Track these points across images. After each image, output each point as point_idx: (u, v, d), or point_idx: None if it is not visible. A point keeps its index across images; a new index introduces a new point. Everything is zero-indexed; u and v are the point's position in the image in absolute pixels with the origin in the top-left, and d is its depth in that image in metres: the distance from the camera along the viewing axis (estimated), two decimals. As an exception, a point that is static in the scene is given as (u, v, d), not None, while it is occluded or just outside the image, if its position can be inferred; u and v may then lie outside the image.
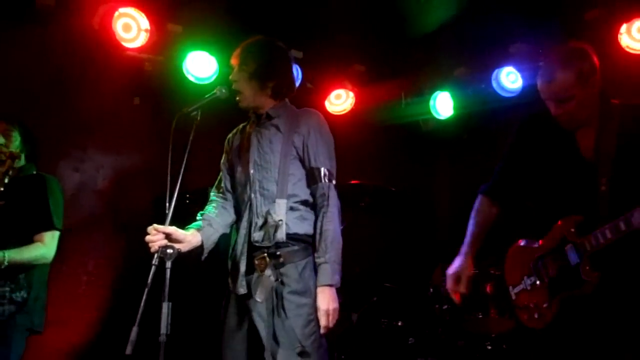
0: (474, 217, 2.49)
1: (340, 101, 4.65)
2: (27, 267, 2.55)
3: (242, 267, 2.27)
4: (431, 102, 4.59)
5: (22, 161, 2.72)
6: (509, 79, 4.28)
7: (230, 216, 2.44)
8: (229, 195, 2.47)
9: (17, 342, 2.52)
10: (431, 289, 3.64)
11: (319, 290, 2.21)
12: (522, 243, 2.42)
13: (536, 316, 2.26)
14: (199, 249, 2.32)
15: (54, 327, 3.41)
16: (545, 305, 2.23)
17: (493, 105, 4.47)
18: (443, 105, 4.60)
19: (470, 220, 2.49)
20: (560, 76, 2.19)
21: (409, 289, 3.99)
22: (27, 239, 2.58)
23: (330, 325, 2.20)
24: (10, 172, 2.47)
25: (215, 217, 2.40)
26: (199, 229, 2.33)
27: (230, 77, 2.42)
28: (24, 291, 2.52)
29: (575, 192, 2.24)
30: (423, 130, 4.99)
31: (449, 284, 2.39)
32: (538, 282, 2.28)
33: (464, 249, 2.44)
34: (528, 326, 2.30)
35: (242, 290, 2.26)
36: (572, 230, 2.18)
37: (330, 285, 2.22)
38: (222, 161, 2.52)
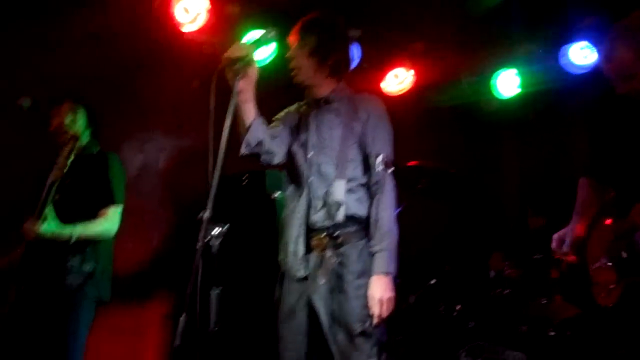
0: (580, 195, 2.45)
1: (398, 81, 4.55)
2: (95, 241, 2.66)
3: (301, 249, 2.27)
4: (493, 81, 4.42)
5: (86, 140, 2.82)
6: (582, 54, 4.04)
7: (277, 156, 2.34)
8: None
9: (87, 311, 2.65)
10: (493, 272, 3.56)
11: (374, 278, 2.19)
12: (608, 222, 2.37)
13: (603, 295, 2.27)
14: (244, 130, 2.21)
15: (119, 302, 3.56)
16: (612, 286, 2.22)
17: (562, 83, 4.25)
18: (506, 84, 4.41)
19: (577, 198, 2.45)
20: (619, 53, 2.10)
21: (469, 272, 3.90)
22: (92, 214, 2.69)
23: (384, 314, 2.17)
24: (73, 153, 2.56)
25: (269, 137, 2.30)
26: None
27: (287, 54, 2.39)
28: (92, 262, 2.64)
29: None
30: (485, 111, 4.81)
31: (553, 245, 2.39)
32: (610, 262, 2.26)
33: (573, 216, 2.41)
34: (598, 302, 2.31)
35: (302, 272, 2.26)
36: None
37: (386, 274, 2.19)
38: (277, 117, 2.44)
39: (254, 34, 2.23)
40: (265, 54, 3.91)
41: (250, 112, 2.22)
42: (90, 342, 2.63)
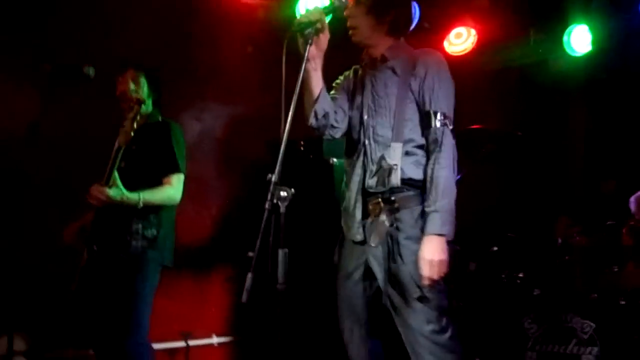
0: None
1: (460, 40, 4.36)
2: (157, 208, 2.72)
3: (358, 214, 2.24)
4: (565, 38, 4.15)
5: (149, 107, 2.87)
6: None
7: (340, 130, 2.32)
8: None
9: (152, 274, 2.71)
10: (559, 240, 3.42)
11: (426, 239, 2.09)
12: None
13: None
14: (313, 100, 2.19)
15: (181, 265, 3.66)
16: None
17: (637, 40, 3.95)
18: (579, 40, 4.14)
19: None
20: None
21: (533, 239, 3.77)
22: (156, 182, 2.74)
23: (435, 277, 2.07)
24: (138, 118, 2.60)
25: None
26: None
27: (345, 12, 2.29)
28: (154, 229, 2.70)
29: None
30: (553, 71, 4.55)
31: (633, 207, 2.16)
32: None
33: None
34: None
35: (359, 237, 2.23)
36: None
37: (440, 235, 2.09)
38: (336, 83, 2.40)
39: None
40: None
41: (318, 81, 2.20)
42: (156, 304, 2.71)
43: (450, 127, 2.19)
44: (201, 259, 4.06)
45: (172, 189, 2.74)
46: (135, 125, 2.55)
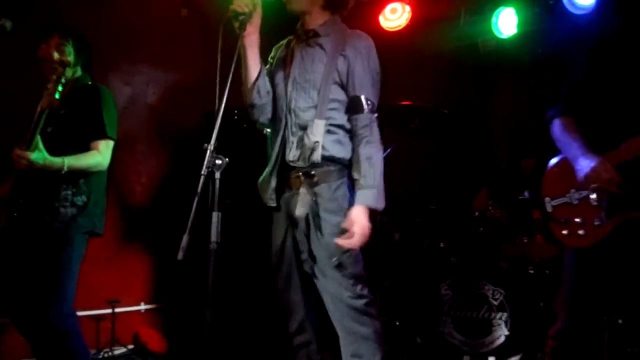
0: (568, 131, 2.24)
1: (395, 16, 4.42)
2: (87, 173, 2.65)
3: (273, 183, 2.30)
4: (493, 19, 4.31)
5: (77, 72, 2.76)
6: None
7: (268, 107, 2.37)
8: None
9: (79, 242, 2.64)
10: (476, 213, 3.62)
11: (358, 207, 2.18)
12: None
13: (581, 232, 2.13)
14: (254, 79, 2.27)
15: (111, 233, 3.60)
16: (596, 223, 2.11)
17: (561, 23, 4.15)
18: (506, 22, 4.31)
19: (564, 136, 2.24)
20: None
21: (453, 211, 3.97)
22: (84, 147, 2.66)
23: (358, 244, 2.16)
24: (63, 80, 2.50)
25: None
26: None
27: None
28: (84, 195, 2.63)
29: None
30: (482, 52, 4.73)
31: (605, 176, 2.08)
32: (593, 197, 2.12)
33: (583, 149, 2.16)
34: (565, 242, 2.20)
35: (272, 202, 2.31)
36: None
37: (368, 207, 2.19)
38: (271, 58, 2.43)
39: None
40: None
41: (255, 59, 2.26)
42: (83, 272, 2.67)
43: (376, 115, 2.28)
44: (130, 226, 4.00)
45: (99, 155, 2.66)
46: (59, 88, 2.45)
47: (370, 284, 2.29)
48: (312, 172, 2.23)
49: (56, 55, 2.63)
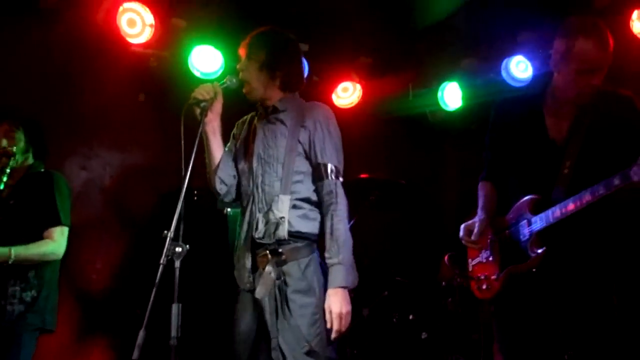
0: (483, 194, 2.59)
1: (347, 94, 4.60)
2: (38, 265, 2.53)
3: (248, 263, 2.25)
4: (439, 94, 4.52)
5: (29, 160, 2.71)
6: (519, 68, 4.21)
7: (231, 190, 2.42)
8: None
9: (28, 341, 2.50)
10: (443, 283, 3.61)
11: (332, 292, 2.15)
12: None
13: (484, 287, 2.46)
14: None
15: (64, 326, 3.41)
16: (493, 277, 2.42)
17: (503, 95, 4.39)
18: (451, 96, 4.54)
19: (480, 197, 2.59)
20: (610, 47, 2.22)
21: (420, 282, 3.96)
22: (37, 236, 2.57)
23: (343, 329, 2.14)
24: (8, 170, 2.45)
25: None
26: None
27: (237, 66, 2.37)
28: (34, 290, 2.51)
29: (539, 172, 2.35)
30: (431, 122, 4.93)
31: (462, 233, 2.53)
32: (491, 256, 2.45)
33: (479, 210, 2.53)
34: (477, 296, 2.51)
35: (249, 285, 2.24)
36: (528, 208, 2.31)
37: (344, 288, 2.16)
38: (226, 147, 2.45)
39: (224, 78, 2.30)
40: (214, 68, 3.87)
41: (218, 146, 2.32)
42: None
43: (341, 180, 2.29)
44: (84, 320, 3.79)
45: (53, 243, 2.57)
46: (4, 178, 2.40)
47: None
48: (280, 250, 2.20)
49: (4, 143, 2.59)
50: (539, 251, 2.22)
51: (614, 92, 2.32)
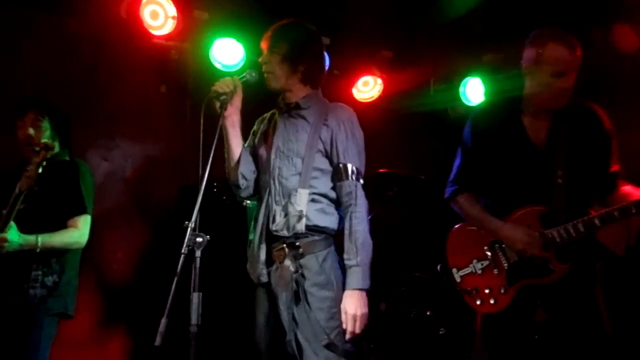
0: (473, 208, 2.44)
1: (367, 88, 4.58)
2: (61, 252, 2.57)
3: (262, 256, 2.25)
4: (461, 89, 4.49)
5: (56, 148, 2.74)
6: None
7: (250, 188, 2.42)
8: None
9: (49, 325, 2.55)
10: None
11: (348, 293, 2.15)
12: (469, 227, 2.45)
13: (492, 301, 2.31)
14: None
15: (85, 313, 3.47)
16: (502, 291, 2.29)
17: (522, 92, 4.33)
18: (473, 91, 4.49)
19: (475, 211, 2.44)
20: (579, 51, 2.26)
21: (438, 278, 3.93)
22: (61, 224, 2.61)
23: (357, 331, 2.14)
24: (44, 163, 2.48)
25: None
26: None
27: (259, 59, 2.37)
28: (56, 275, 2.55)
29: (530, 181, 2.31)
30: (451, 118, 4.89)
31: (533, 250, 2.25)
32: (494, 267, 2.33)
33: (494, 221, 2.35)
34: (479, 310, 2.37)
35: (263, 278, 2.24)
36: (537, 220, 2.26)
37: (361, 290, 2.16)
38: (246, 143, 2.46)
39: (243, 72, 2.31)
40: (235, 60, 3.88)
41: (237, 140, 2.32)
42: (53, 357, 2.53)
43: (362, 182, 2.28)
44: (105, 307, 3.85)
45: (78, 232, 2.61)
46: (40, 171, 2.43)
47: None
48: (297, 243, 2.20)
49: (31, 131, 2.62)
50: (563, 266, 2.21)
51: (582, 104, 2.37)
